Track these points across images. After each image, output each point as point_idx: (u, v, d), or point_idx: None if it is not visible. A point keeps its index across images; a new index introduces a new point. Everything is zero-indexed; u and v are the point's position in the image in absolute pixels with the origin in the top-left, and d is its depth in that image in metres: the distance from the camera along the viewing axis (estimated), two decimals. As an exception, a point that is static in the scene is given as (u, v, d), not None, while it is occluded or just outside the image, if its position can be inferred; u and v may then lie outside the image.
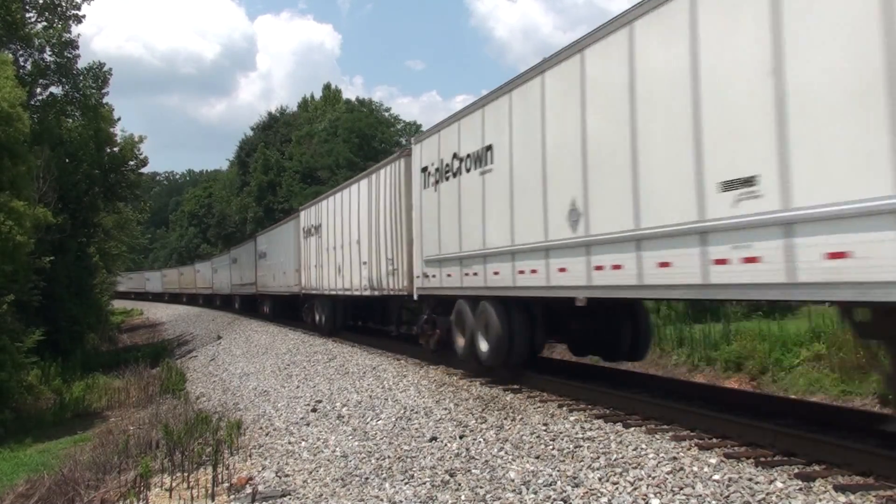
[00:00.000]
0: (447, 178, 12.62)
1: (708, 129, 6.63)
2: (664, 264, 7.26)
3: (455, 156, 12.32)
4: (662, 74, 7.28)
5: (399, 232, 15.06)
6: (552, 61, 9.38)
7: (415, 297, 14.33)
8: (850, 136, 5.30)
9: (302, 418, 11.42)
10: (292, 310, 27.53)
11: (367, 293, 17.62)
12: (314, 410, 11.76)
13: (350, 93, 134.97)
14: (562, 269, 9.07)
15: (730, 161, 6.36)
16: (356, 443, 9.24)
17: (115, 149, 31.19)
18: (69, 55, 28.23)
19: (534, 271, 9.71)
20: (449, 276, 12.56)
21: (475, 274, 11.51)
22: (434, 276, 13.22)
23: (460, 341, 12.27)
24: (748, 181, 6.13)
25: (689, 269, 6.88)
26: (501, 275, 10.62)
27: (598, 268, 8.32)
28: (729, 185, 6.34)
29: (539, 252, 9.60)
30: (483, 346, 11.33)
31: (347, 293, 19.55)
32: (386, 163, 16.64)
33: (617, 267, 7.99)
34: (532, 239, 9.74)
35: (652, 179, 7.43)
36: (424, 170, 13.68)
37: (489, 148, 11.05)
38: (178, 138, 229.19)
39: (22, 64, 26.65)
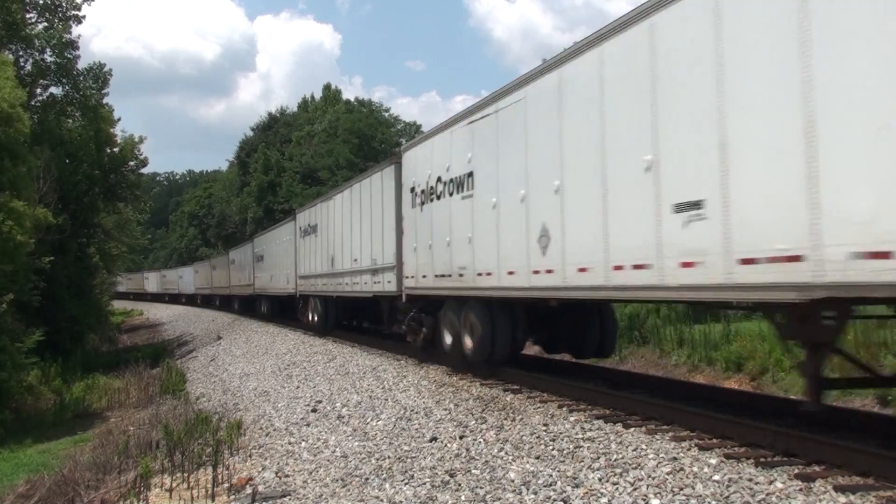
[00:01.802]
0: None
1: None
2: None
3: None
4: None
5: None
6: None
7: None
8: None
9: (302, 419, 11.42)
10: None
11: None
12: (314, 411, 11.76)
13: (349, 93, 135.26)
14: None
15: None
16: (356, 443, 9.24)
17: (116, 149, 31.20)
18: (69, 56, 28.26)
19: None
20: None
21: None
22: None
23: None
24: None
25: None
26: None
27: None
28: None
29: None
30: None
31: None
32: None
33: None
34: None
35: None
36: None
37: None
38: (178, 139, 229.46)
39: (22, 64, 26.66)
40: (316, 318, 23.17)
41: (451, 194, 12.27)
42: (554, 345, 12.58)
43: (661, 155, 7.12)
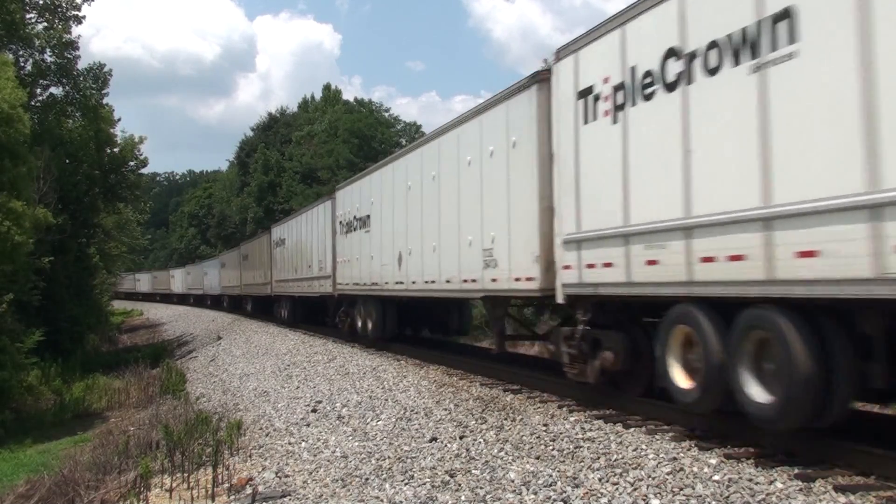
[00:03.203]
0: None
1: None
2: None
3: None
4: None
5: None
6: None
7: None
8: None
9: (302, 419, 11.42)
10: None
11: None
12: (314, 411, 11.76)
13: (349, 93, 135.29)
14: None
15: None
16: (356, 443, 9.23)
17: (116, 149, 31.19)
18: (69, 56, 28.24)
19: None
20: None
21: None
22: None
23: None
24: None
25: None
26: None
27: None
28: None
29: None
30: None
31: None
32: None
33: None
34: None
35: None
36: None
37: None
38: (178, 139, 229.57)
39: (22, 64, 26.65)
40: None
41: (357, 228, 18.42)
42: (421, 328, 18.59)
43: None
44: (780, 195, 5.75)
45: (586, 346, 8.75)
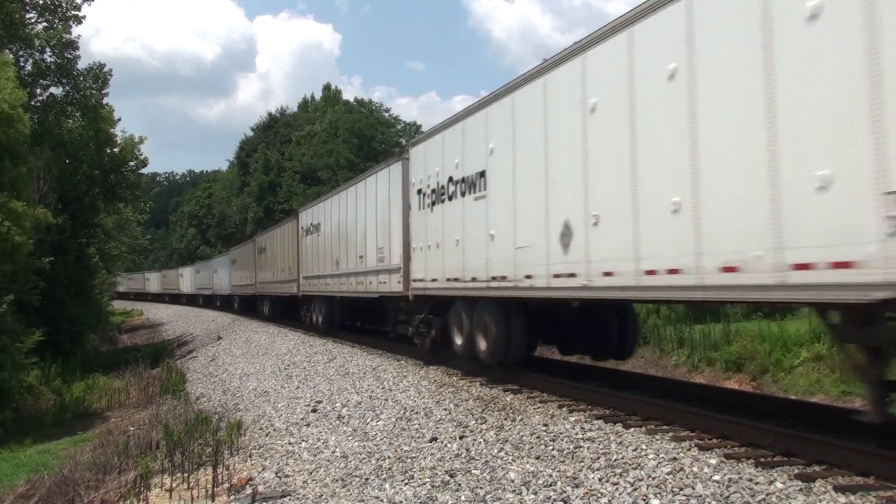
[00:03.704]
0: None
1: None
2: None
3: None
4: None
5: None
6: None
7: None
8: None
9: (302, 419, 11.42)
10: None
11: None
12: (314, 411, 11.76)
13: (349, 93, 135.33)
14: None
15: None
16: (356, 443, 9.23)
17: (116, 149, 31.15)
18: (69, 56, 28.23)
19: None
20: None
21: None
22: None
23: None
24: None
25: None
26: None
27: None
28: None
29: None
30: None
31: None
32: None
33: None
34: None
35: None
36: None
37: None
38: (178, 139, 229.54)
39: (22, 64, 26.64)
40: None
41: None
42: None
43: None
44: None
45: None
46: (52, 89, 28.98)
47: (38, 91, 28.31)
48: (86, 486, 9.84)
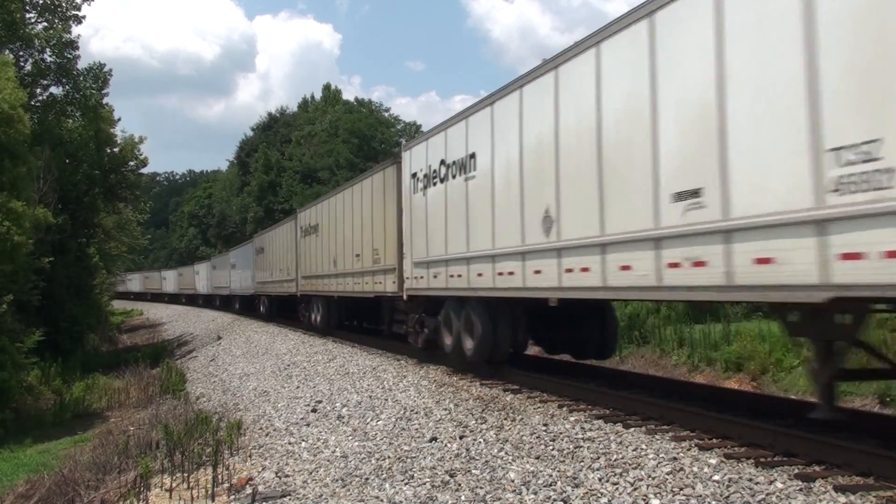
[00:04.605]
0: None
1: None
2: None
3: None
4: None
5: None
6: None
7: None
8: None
9: (302, 419, 11.42)
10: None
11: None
12: (314, 411, 11.76)
13: (349, 93, 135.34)
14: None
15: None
16: (356, 443, 9.23)
17: (116, 149, 31.20)
18: (69, 56, 28.24)
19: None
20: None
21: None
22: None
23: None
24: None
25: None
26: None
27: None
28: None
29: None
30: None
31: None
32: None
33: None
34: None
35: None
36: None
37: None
38: (178, 139, 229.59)
39: (22, 64, 26.65)
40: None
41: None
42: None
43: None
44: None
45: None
46: (52, 89, 29.06)
47: (38, 91, 28.34)
48: (86, 486, 9.84)
